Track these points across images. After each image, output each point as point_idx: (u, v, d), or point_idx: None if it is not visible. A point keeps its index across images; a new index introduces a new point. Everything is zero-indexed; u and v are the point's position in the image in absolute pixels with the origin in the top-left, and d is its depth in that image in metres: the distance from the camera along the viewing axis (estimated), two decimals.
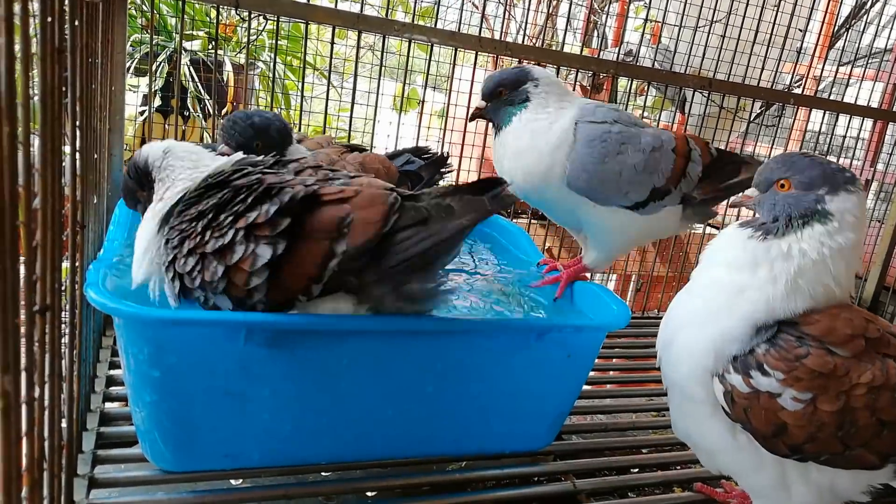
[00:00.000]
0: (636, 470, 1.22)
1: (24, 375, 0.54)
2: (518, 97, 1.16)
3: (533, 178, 1.14)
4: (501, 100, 1.18)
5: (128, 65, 1.64)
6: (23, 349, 0.54)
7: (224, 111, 2.31)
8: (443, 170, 1.50)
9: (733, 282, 0.86)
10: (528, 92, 1.16)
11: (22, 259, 0.52)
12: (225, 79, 2.28)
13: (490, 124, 1.22)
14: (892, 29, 2.30)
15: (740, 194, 0.99)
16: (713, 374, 0.86)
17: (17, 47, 0.47)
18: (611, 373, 1.66)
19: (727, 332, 0.85)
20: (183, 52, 1.97)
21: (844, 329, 0.83)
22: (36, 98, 0.54)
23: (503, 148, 1.18)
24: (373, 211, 0.82)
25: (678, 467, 1.24)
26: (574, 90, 1.90)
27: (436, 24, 1.64)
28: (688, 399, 0.91)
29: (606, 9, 2.93)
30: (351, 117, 1.63)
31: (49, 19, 0.55)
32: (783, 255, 0.83)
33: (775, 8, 1.95)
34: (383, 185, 0.87)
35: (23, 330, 0.53)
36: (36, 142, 0.55)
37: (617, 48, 2.22)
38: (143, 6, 2.22)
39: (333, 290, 0.85)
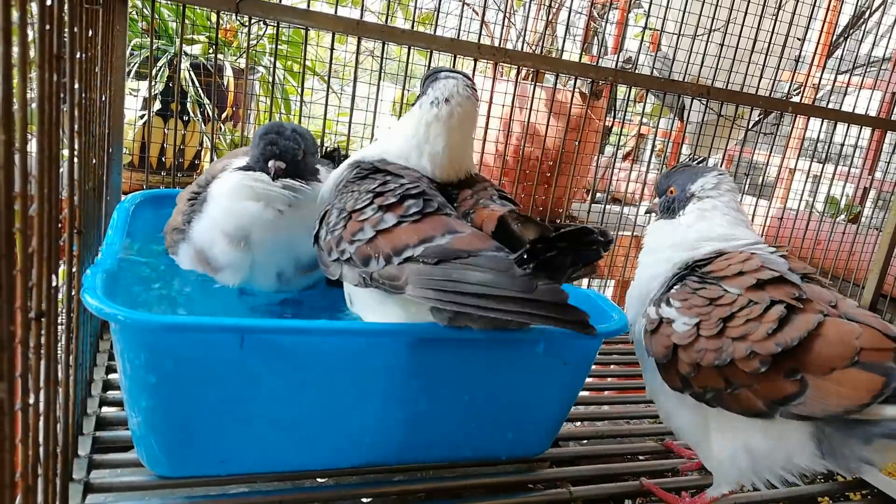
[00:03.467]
0: (632, 477, 1.21)
1: (19, 381, 0.54)
2: None
3: None
4: None
5: (128, 68, 1.64)
6: (18, 355, 0.54)
7: (224, 115, 2.31)
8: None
9: (657, 253, 1.14)
10: None
11: (17, 267, 0.52)
12: (225, 83, 2.28)
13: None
14: (890, 38, 2.31)
15: (653, 202, 1.26)
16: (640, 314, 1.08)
17: (14, 53, 0.47)
18: (608, 379, 1.66)
19: (652, 287, 1.08)
20: (183, 56, 1.98)
21: (736, 268, 1.00)
22: (34, 104, 0.54)
23: None
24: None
25: (669, 475, 1.24)
26: (573, 97, 1.90)
27: (435, 31, 1.65)
28: (640, 359, 1.11)
29: (606, 16, 2.94)
30: (350, 122, 1.64)
31: (48, 27, 0.55)
32: (678, 224, 1.15)
33: (774, 16, 1.96)
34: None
35: (18, 336, 0.53)
36: (33, 148, 0.55)
37: (616, 55, 2.23)
38: (144, 10, 2.23)
39: None
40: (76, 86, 0.74)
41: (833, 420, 0.91)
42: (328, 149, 1.51)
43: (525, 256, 0.81)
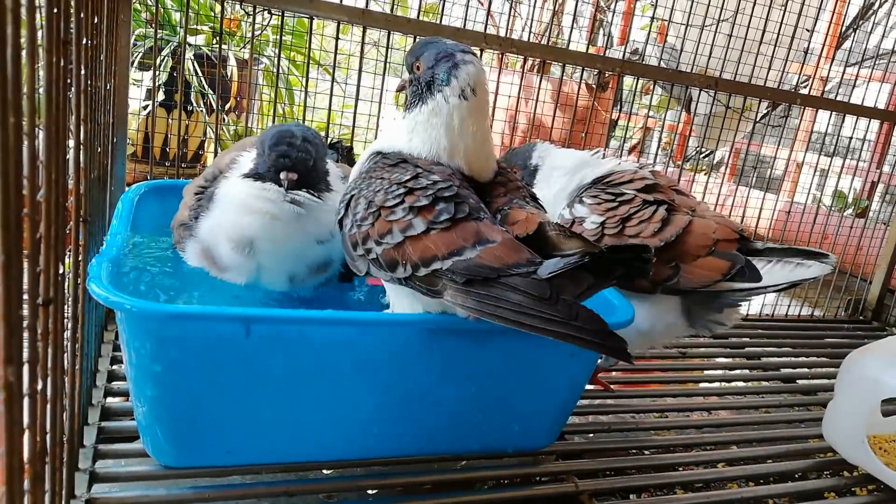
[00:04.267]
0: (638, 471, 1.21)
1: (26, 368, 0.54)
2: None
3: None
4: None
5: (132, 59, 1.64)
6: (25, 342, 0.53)
7: (227, 106, 2.30)
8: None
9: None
10: None
11: (25, 252, 0.51)
12: (229, 74, 2.28)
13: None
14: None
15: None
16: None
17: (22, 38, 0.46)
18: (613, 373, 1.65)
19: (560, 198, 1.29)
20: (187, 46, 1.97)
21: (629, 177, 1.26)
22: (41, 89, 0.54)
23: None
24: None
25: (680, 469, 1.23)
26: (579, 89, 1.89)
27: (441, 20, 1.64)
28: None
29: (613, 7, 2.92)
30: (355, 114, 1.63)
31: (55, 10, 0.54)
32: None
33: (783, 8, 1.94)
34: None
35: (26, 322, 0.52)
36: (40, 134, 0.55)
37: (623, 47, 2.21)
38: (148, 0, 2.22)
39: None
40: (82, 72, 0.73)
41: (695, 294, 1.21)
42: (332, 141, 1.50)
43: (576, 263, 0.81)
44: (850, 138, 2.21)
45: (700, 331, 1.29)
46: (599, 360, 1.39)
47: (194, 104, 2.21)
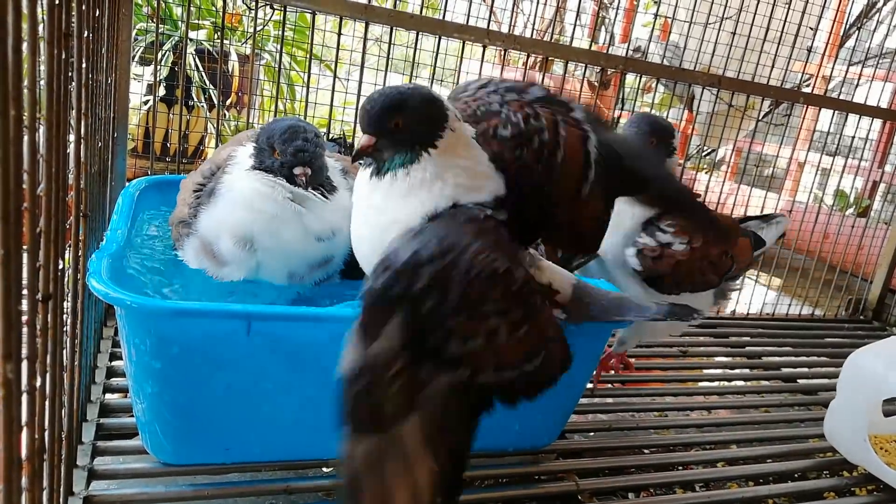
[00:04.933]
0: (638, 470, 1.21)
1: (25, 364, 0.53)
2: None
3: None
4: None
5: (132, 54, 1.63)
6: (24, 338, 0.53)
7: (228, 102, 2.30)
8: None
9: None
10: None
11: (25, 247, 0.51)
12: (230, 69, 2.27)
13: None
14: None
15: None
16: (626, 246, 1.26)
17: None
18: (612, 372, 1.65)
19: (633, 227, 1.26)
20: (188, 41, 1.96)
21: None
22: (42, 82, 0.53)
23: None
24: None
25: (680, 468, 1.23)
26: (581, 86, 1.89)
27: (444, 17, 1.63)
28: (619, 281, 1.29)
29: (616, 4, 2.91)
30: (356, 110, 1.62)
31: (57, 2, 0.54)
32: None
33: (786, 6, 1.94)
34: None
35: (25, 318, 0.52)
36: (41, 127, 0.54)
37: (626, 44, 2.20)
38: None
39: None
40: (83, 65, 0.73)
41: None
42: (333, 136, 1.49)
43: None
44: (853, 137, 2.21)
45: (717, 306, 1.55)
46: (611, 347, 1.44)
47: (195, 99, 2.20)
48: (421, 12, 1.61)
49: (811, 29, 2.19)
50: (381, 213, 0.80)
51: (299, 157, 0.99)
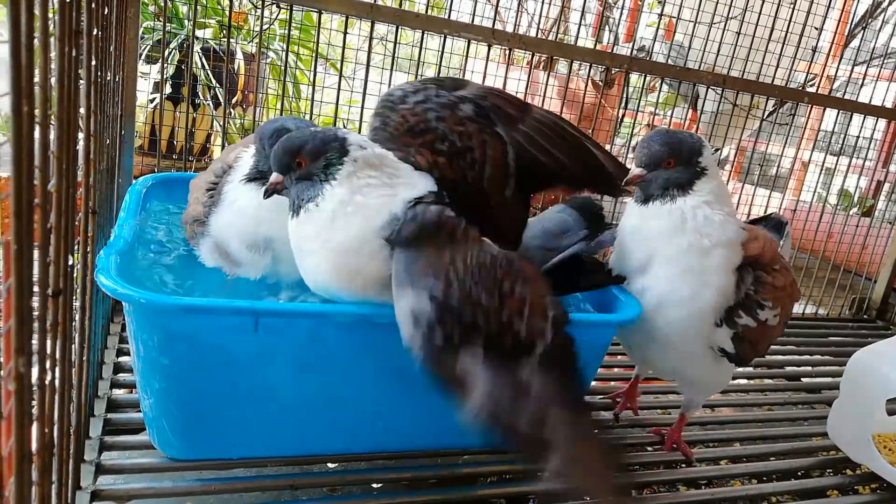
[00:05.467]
0: (641, 468, 1.21)
1: (35, 359, 0.54)
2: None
3: None
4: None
5: (139, 52, 1.64)
6: (35, 333, 0.53)
7: (234, 100, 2.30)
8: None
9: (689, 245, 1.03)
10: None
11: (36, 243, 0.51)
12: (236, 68, 2.27)
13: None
14: None
15: (631, 173, 1.06)
16: (714, 324, 1.05)
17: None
18: (615, 369, 1.65)
19: (720, 288, 1.04)
20: (195, 40, 1.97)
21: (770, 248, 1.12)
22: (53, 79, 0.54)
23: None
24: None
25: (683, 465, 1.23)
26: (586, 86, 1.89)
27: (449, 16, 1.63)
28: (682, 351, 1.10)
29: (620, 4, 2.91)
30: (362, 109, 1.62)
31: (67, 0, 0.54)
32: (699, 203, 1.04)
33: (791, 6, 1.94)
34: None
35: (35, 313, 0.52)
36: (52, 124, 0.55)
37: (630, 44, 2.20)
38: None
39: None
40: (93, 62, 0.73)
41: None
42: None
43: None
44: (857, 137, 2.20)
45: None
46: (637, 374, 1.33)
47: (201, 98, 2.21)
48: (427, 11, 1.62)
49: (816, 28, 2.19)
50: (321, 240, 0.88)
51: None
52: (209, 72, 2.20)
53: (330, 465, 1.07)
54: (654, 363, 1.19)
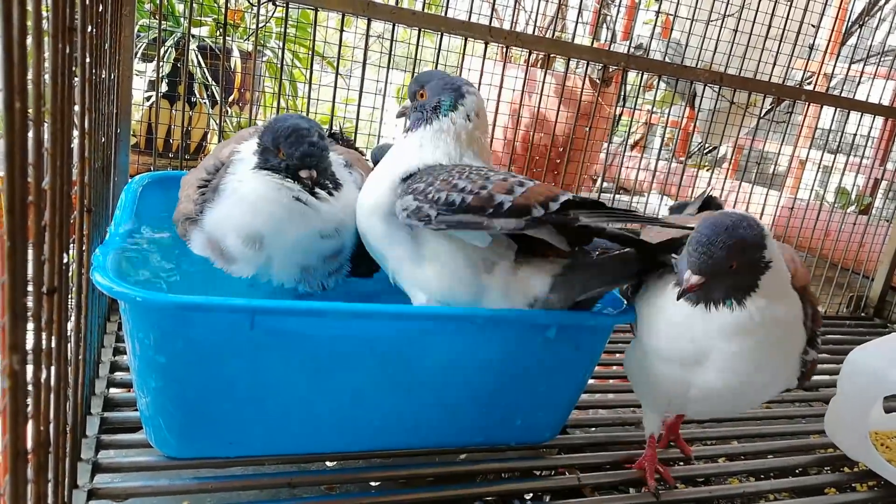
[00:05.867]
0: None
1: (30, 357, 0.53)
2: None
3: None
4: None
5: (135, 50, 1.63)
6: (30, 331, 0.53)
7: (231, 98, 2.30)
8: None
9: (767, 340, 0.95)
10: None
11: (30, 240, 0.51)
12: (232, 66, 2.27)
13: None
14: None
15: (687, 281, 0.93)
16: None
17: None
18: (613, 368, 1.65)
19: (799, 354, 1.01)
20: (191, 38, 1.96)
21: (802, 269, 1.05)
22: (46, 76, 0.53)
23: None
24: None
25: (681, 463, 1.24)
26: (584, 83, 1.89)
27: (446, 13, 1.63)
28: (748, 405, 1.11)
29: (617, 1, 2.91)
30: (359, 107, 1.62)
31: None
32: (766, 305, 0.95)
33: (788, 3, 1.94)
34: None
35: (30, 311, 0.52)
36: (45, 121, 0.54)
37: (628, 42, 2.20)
38: None
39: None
40: (87, 60, 0.73)
41: None
42: (331, 130, 1.49)
43: None
44: (854, 135, 2.21)
45: None
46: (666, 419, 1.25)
47: (197, 96, 2.21)
48: (423, 9, 1.62)
49: (813, 27, 2.19)
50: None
51: (307, 162, 0.99)
52: (205, 70, 2.19)
53: (327, 463, 1.06)
54: (706, 412, 1.16)
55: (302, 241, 1.02)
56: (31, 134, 0.47)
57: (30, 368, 0.54)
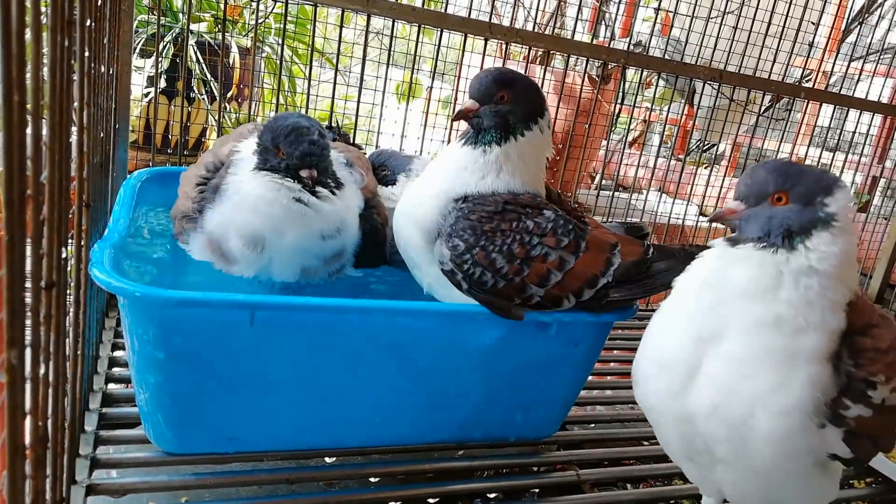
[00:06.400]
0: (638, 461, 1.21)
1: (28, 351, 0.53)
2: None
3: None
4: None
5: (134, 45, 1.63)
6: (28, 325, 0.53)
7: (230, 94, 2.29)
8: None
9: (775, 316, 0.76)
10: None
11: (28, 234, 0.51)
12: (231, 62, 2.26)
13: None
14: None
15: (723, 208, 0.84)
16: (819, 427, 0.77)
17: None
18: (612, 364, 1.66)
19: (817, 383, 0.76)
20: (189, 33, 1.96)
21: (862, 298, 0.82)
22: (45, 69, 0.53)
23: None
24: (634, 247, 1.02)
25: None
26: (583, 81, 1.88)
27: (446, 10, 1.63)
28: (770, 473, 0.80)
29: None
30: (358, 104, 1.62)
31: None
32: (806, 270, 0.76)
33: (788, 1, 1.93)
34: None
35: (28, 306, 0.52)
36: (44, 115, 0.54)
37: (627, 39, 2.20)
38: None
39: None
40: (86, 53, 0.73)
41: None
42: (328, 124, 1.48)
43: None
44: (853, 133, 2.21)
45: None
46: None
47: (196, 92, 2.20)
48: (423, 5, 1.61)
49: (812, 24, 2.18)
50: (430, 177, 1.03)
51: (307, 161, 0.99)
52: (204, 66, 2.19)
53: (326, 459, 1.06)
54: (741, 496, 0.89)
55: (303, 243, 1.01)
56: (29, 128, 0.47)
57: (28, 363, 0.54)
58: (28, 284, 0.52)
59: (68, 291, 0.76)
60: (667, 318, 0.86)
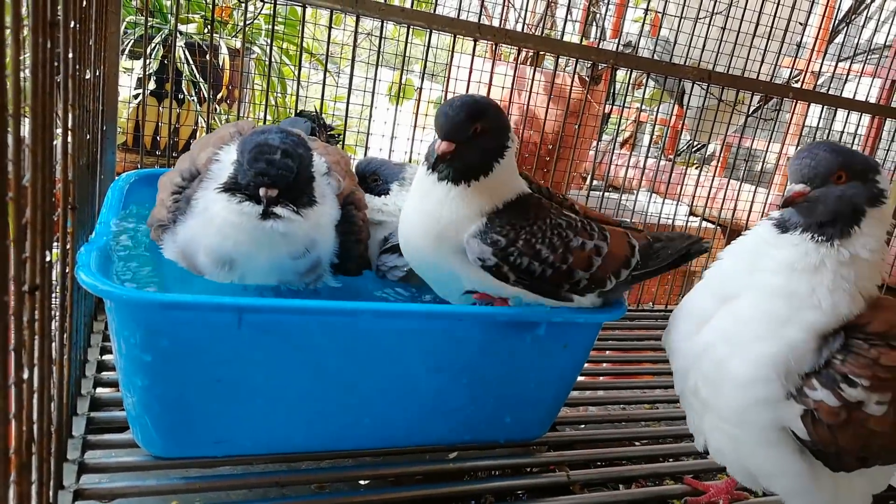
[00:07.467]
0: (629, 462, 1.21)
1: (12, 356, 0.53)
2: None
3: None
4: None
5: (122, 47, 1.62)
6: (11, 329, 0.52)
7: (219, 96, 2.28)
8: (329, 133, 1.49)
9: (792, 290, 0.81)
10: None
11: (10, 237, 0.50)
12: (220, 63, 2.26)
13: None
14: (891, 25, 2.30)
15: (789, 192, 0.84)
16: (785, 395, 0.81)
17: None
18: (604, 365, 1.66)
19: (796, 348, 0.80)
20: (178, 35, 1.95)
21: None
22: (27, 71, 0.53)
23: None
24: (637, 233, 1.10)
25: (670, 460, 1.24)
26: (573, 81, 1.89)
27: (434, 10, 1.62)
28: (737, 424, 0.86)
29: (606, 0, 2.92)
30: (348, 104, 1.61)
31: None
32: (849, 260, 0.80)
33: (776, 1, 1.94)
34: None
35: (11, 308, 0.51)
36: (26, 118, 0.54)
37: (617, 39, 2.20)
38: None
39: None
40: (70, 55, 0.72)
41: None
42: (303, 110, 1.46)
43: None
44: (841, 132, 2.22)
45: None
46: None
47: (185, 93, 2.19)
48: (412, 6, 1.61)
49: (801, 24, 2.20)
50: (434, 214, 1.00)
51: (259, 180, 0.95)
52: (194, 67, 2.18)
53: (317, 462, 1.06)
54: (717, 449, 0.97)
55: (274, 262, 0.99)
56: (10, 129, 0.46)
57: (12, 367, 0.53)
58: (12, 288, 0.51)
59: (54, 295, 0.75)
60: (705, 281, 0.96)
